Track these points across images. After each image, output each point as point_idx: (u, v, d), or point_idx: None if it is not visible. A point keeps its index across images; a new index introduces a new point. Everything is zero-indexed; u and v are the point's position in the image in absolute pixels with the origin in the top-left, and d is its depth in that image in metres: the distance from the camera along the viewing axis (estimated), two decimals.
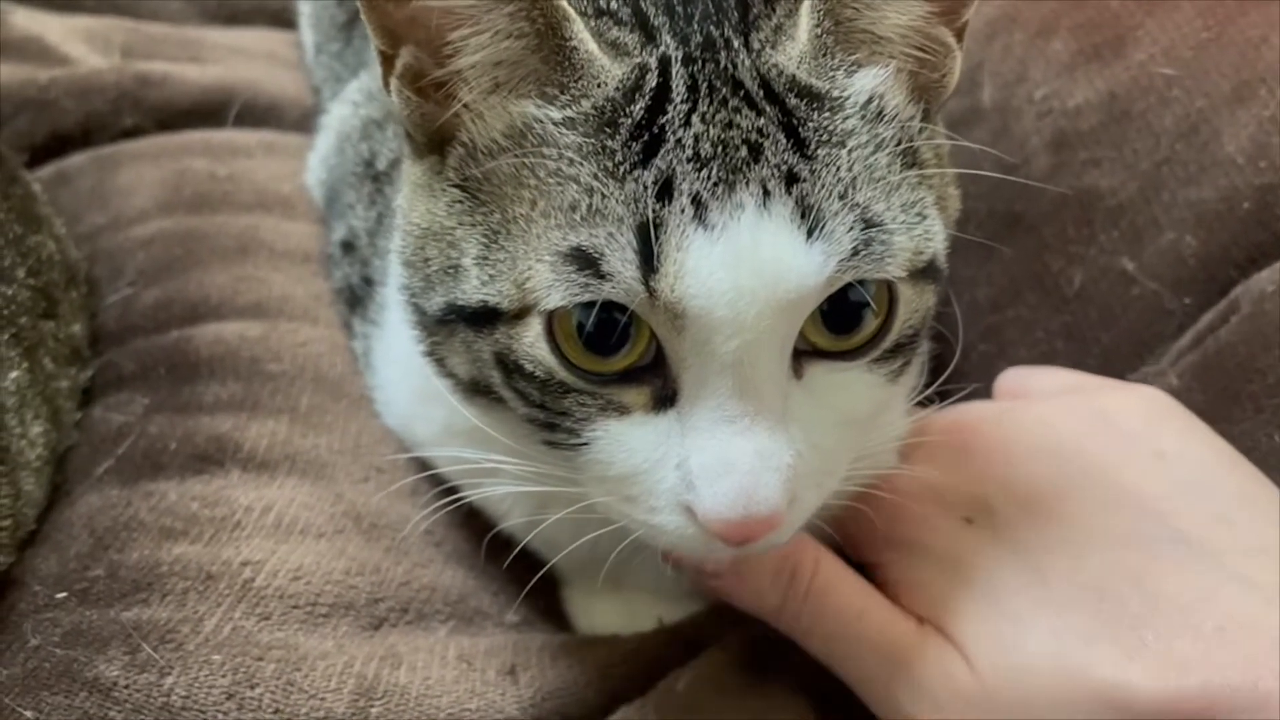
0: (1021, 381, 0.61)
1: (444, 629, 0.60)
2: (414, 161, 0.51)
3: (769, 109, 0.45)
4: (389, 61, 0.48)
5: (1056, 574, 0.50)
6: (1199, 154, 0.63)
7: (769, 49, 0.46)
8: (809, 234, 0.43)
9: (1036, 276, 0.68)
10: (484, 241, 0.47)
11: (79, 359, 0.68)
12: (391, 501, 0.64)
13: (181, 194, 0.80)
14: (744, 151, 0.44)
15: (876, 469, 0.53)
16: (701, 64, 0.45)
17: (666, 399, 0.46)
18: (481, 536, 0.63)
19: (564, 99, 0.46)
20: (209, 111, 0.90)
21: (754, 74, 0.45)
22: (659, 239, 0.43)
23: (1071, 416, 0.55)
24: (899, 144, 0.47)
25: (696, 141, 0.44)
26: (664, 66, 0.45)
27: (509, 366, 0.47)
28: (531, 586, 0.59)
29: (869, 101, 0.46)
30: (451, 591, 0.62)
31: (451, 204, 0.49)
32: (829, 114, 0.45)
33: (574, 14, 0.45)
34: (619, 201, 0.43)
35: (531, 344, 0.46)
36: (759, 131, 0.44)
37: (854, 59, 0.47)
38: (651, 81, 0.45)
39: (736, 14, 0.47)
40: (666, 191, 0.43)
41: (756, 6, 0.47)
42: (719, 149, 0.44)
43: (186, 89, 0.91)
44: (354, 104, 0.82)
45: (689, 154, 0.44)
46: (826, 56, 0.47)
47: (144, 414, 0.65)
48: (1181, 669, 0.45)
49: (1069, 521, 0.51)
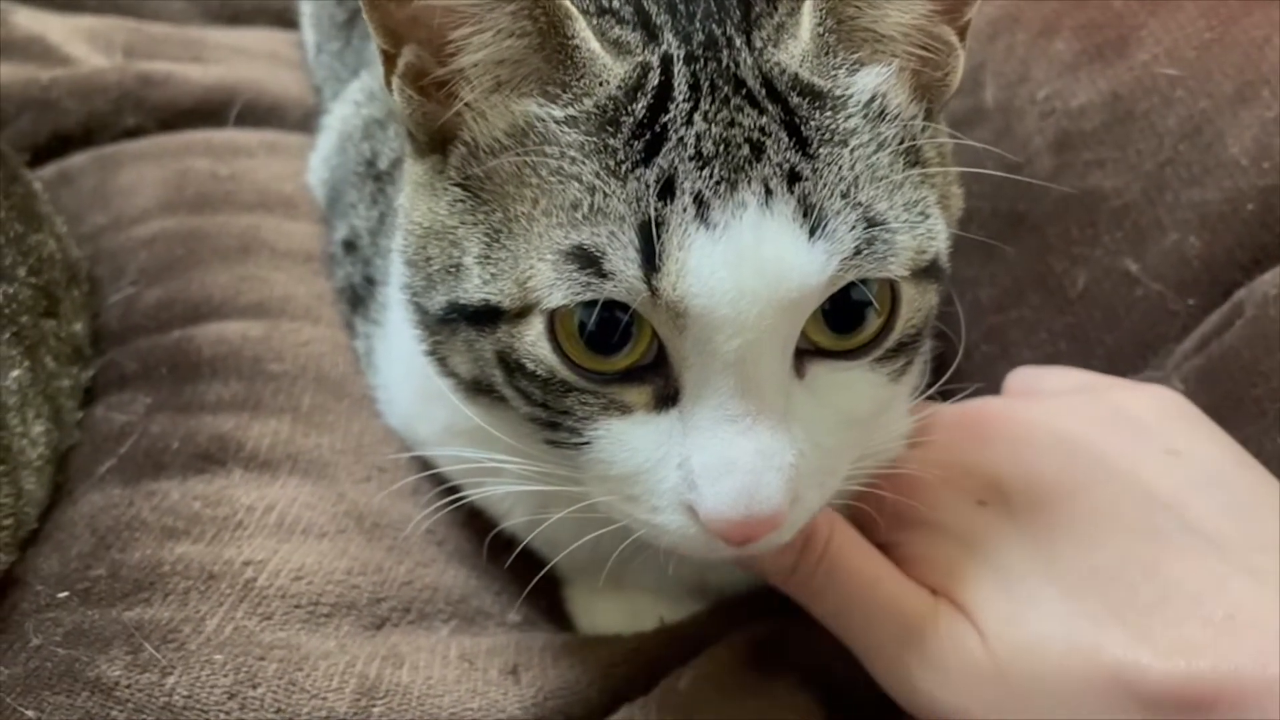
0: (1032, 381, 0.61)
1: (446, 628, 0.60)
2: (416, 160, 0.51)
3: (771, 108, 0.45)
4: (391, 60, 0.48)
5: (1068, 559, 0.50)
6: (1202, 155, 0.63)
7: (771, 47, 0.46)
8: (811, 233, 0.43)
9: (1040, 277, 0.68)
10: (486, 240, 0.47)
11: (80, 358, 0.68)
12: (393, 501, 0.64)
13: (183, 194, 0.80)
14: (746, 150, 0.44)
15: (880, 466, 0.53)
16: (704, 62, 0.45)
17: (668, 398, 0.46)
18: (483, 536, 0.62)
19: (566, 98, 0.46)
20: (211, 111, 0.91)
21: (756, 72, 0.45)
22: (661, 238, 0.43)
23: (1086, 411, 0.55)
24: (901, 143, 0.47)
25: (699, 140, 0.44)
26: (666, 65, 0.45)
27: (511, 365, 0.47)
28: (533, 586, 0.59)
29: (871, 100, 0.46)
30: (453, 591, 0.62)
31: (453, 203, 0.49)
32: (831, 113, 0.45)
33: (576, 12, 0.45)
34: (621, 200, 0.43)
35: (533, 343, 0.46)
36: (761, 130, 0.44)
37: (856, 57, 0.47)
38: (654, 80, 0.45)
39: (739, 12, 0.47)
40: (668, 190, 0.43)
41: (759, 5, 0.47)
42: (721, 148, 0.44)
43: (189, 89, 0.91)
44: (356, 103, 0.82)
45: (691, 153, 0.44)
46: (829, 55, 0.46)
47: (146, 413, 0.65)
48: (1191, 653, 0.45)
49: (1081, 509, 0.51)
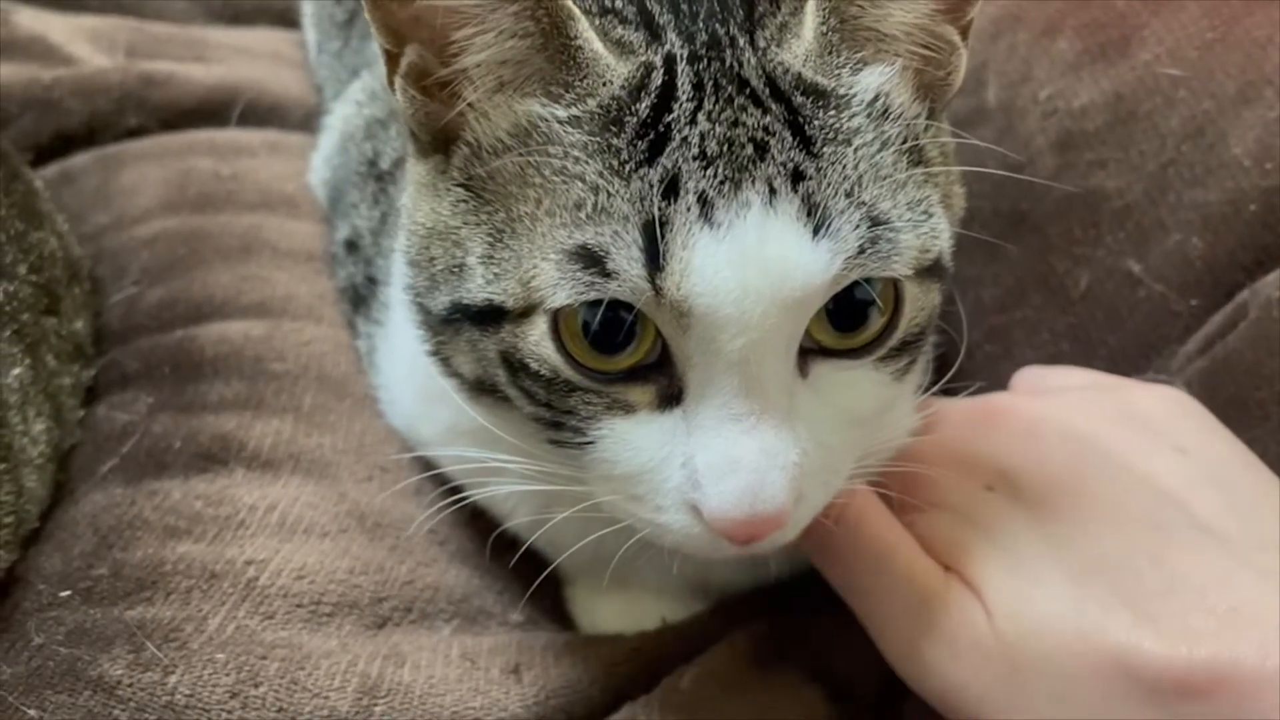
0: (1037, 380, 0.61)
1: (448, 628, 0.60)
2: (418, 161, 0.51)
3: (775, 107, 0.45)
4: (393, 60, 0.48)
5: (1075, 545, 0.50)
6: (1205, 155, 0.63)
7: (774, 47, 0.46)
8: (815, 232, 0.43)
9: (1042, 277, 0.68)
10: (489, 240, 0.47)
11: (82, 356, 0.68)
12: (395, 501, 0.64)
13: (185, 193, 0.80)
14: (750, 149, 0.44)
15: (886, 462, 0.53)
16: (707, 62, 0.45)
17: (672, 397, 0.46)
18: (486, 536, 0.62)
19: (569, 97, 0.46)
20: (213, 111, 0.91)
21: (759, 72, 0.45)
22: (665, 237, 0.43)
23: (1094, 408, 0.55)
24: (905, 142, 0.47)
25: (702, 140, 0.44)
26: (669, 65, 0.45)
27: (514, 365, 0.47)
28: (536, 586, 0.59)
29: (875, 99, 0.46)
30: (455, 591, 0.62)
31: (456, 203, 0.49)
32: (835, 112, 0.45)
33: (579, 13, 0.45)
34: (625, 200, 0.43)
35: (537, 342, 0.46)
36: (765, 129, 0.44)
37: (859, 56, 0.47)
38: (657, 80, 0.45)
39: (742, 12, 0.47)
40: (672, 190, 0.43)
41: (762, 4, 0.47)
42: (725, 147, 0.44)
43: (191, 88, 0.91)
44: (357, 103, 0.82)
45: (695, 152, 0.44)
46: (832, 54, 0.46)
47: (148, 413, 0.65)
48: (1194, 641, 0.46)
49: (1089, 500, 0.52)
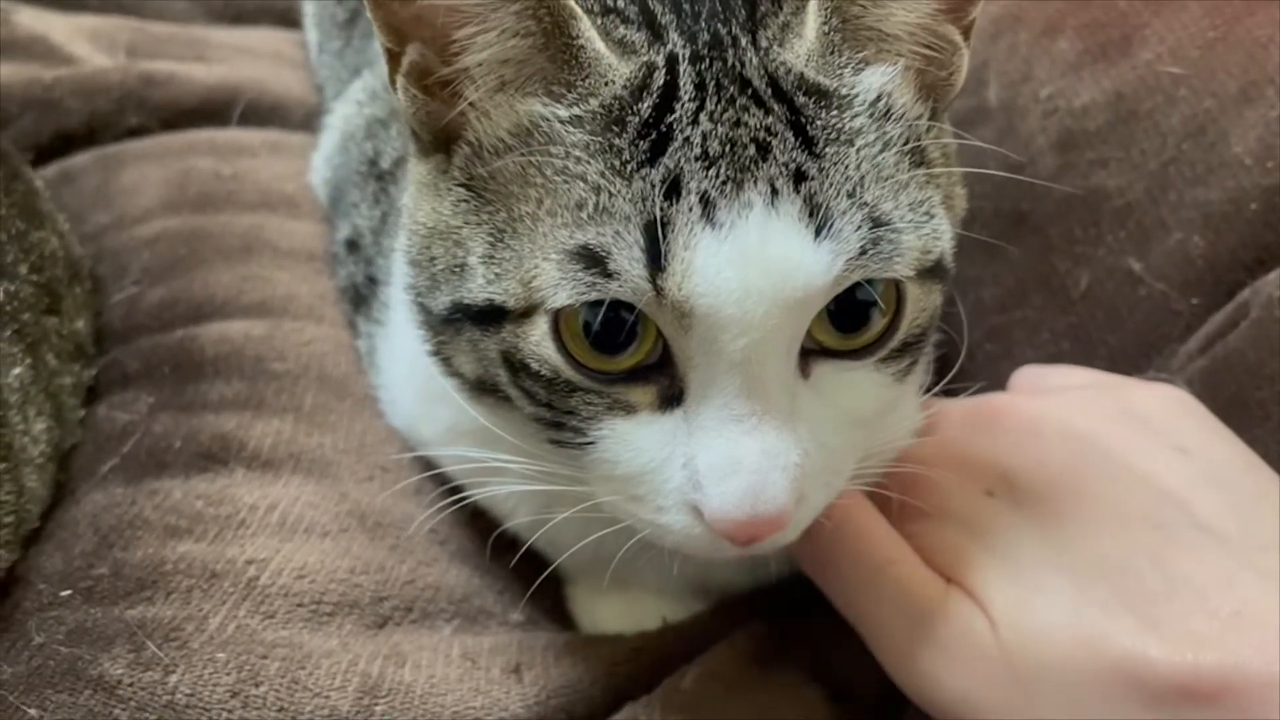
0: (1037, 379, 0.61)
1: (448, 628, 0.60)
2: (419, 160, 0.51)
3: (777, 107, 0.45)
4: (395, 59, 0.48)
5: (1076, 547, 0.50)
6: (1206, 154, 0.63)
7: (776, 47, 0.46)
8: (817, 232, 0.43)
9: (1043, 277, 0.68)
10: (490, 240, 0.47)
11: (83, 356, 0.68)
12: (396, 500, 0.64)
13: (186, 193, 0.80)
14: (752, 150, 0.44)
15: (887, 463, 0.53)
16: (709, 62, 0.45)
17: (673, 398, 0.46)
18: (486, 536, 0.62)
19: (571, 97, 0.46)
20: (214, 111, 0.91)
21: (762, 72, 0.45)
22: (666, 238, 0.43)
23: (1094, 407, 0.55)
24: (907, 142, 0.47)
25: (704, 140, 0.44)
26: (671, 64, 0.45)
27: (515, 365, 0.47)
28: (536, 586, 0.59)
29: (877, 99, 0.46)
30: (456, 590, 0.62)
31: (457, 203, 0.49)
32: (837, 112, 0.45)
33: (580, 12, 0.45)
34: (626, 200, 0.43)
35: (538, 343, 0.46)
36: (767, 130, 0.44)
37: (861, 56, 0.47)
38: (659, 79, 0.45)
39: (744, 12, 0.47)
40: (674, 190, 0.43)
41: (764, 4, 0.47)
42: (727, 147, 0.44)
43: (191, 88, 0.91)
44: (358, 103, 0.82)
45: (697, 152, 0.43)
46: (834, 54, 0.46)
47: (149, 412, 0.65)
48: (1198, 646, 0.45)
49: (1090, 501, 0.51)
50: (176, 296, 0.72)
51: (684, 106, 0.44)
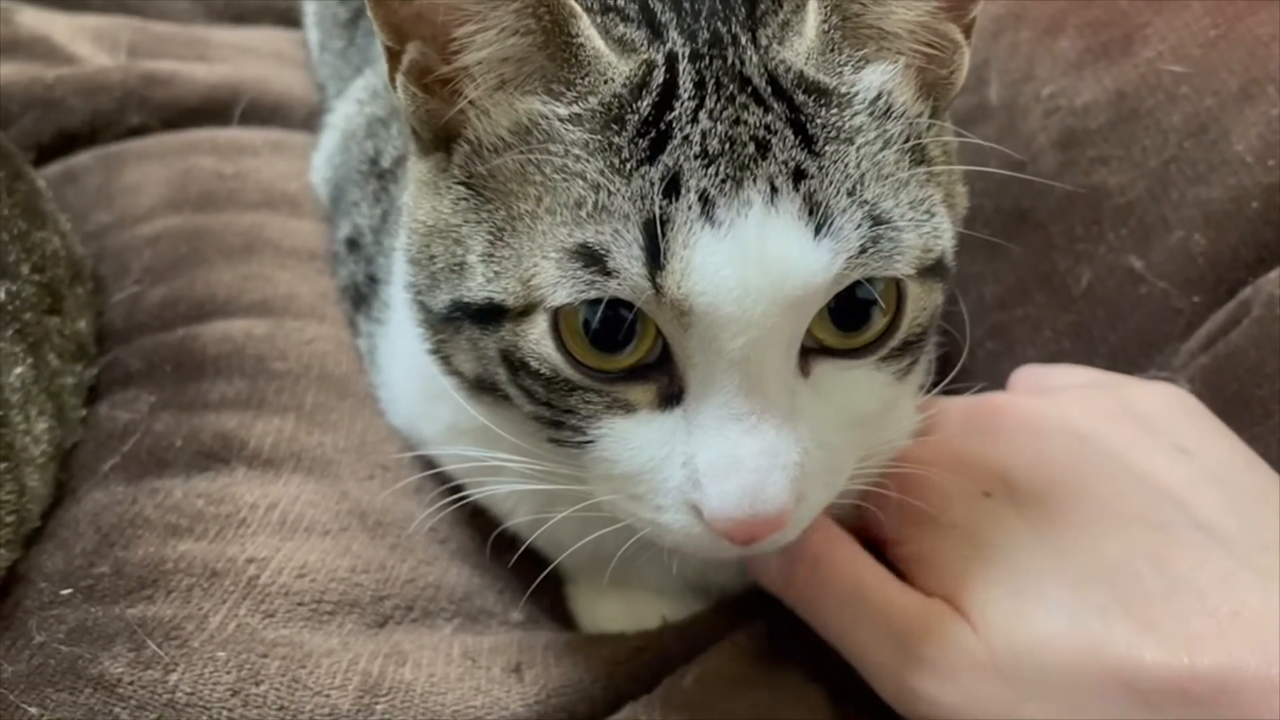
0: (1038, 378, 0.61)
1: (449, 627, 0.60)
2: (419, 158, 0.51)
3: (776, 105, 0.45)
4: (395, 57, 0.48)
5: (1073, 551, 0.50)
6: (1207, 152, 0.63)
7: (776, 45, 0.46)
8: (817, 231, 0.43)
9: (1044, 275, 0.68)
10: (489, 238, 0.47)
11: (84, 355, 0.68)
12: (396, 499, 0.64)
13: (188, 192, 0.80)
14: (751, 148, 0.44)
15: (886, 463, 0.53)
16: (709, 60, 0.45)
17: (673, 396, 0.46)
18: (486, 535, 0.62)
19: (570, 95, 0.45)
20: (215, 110, 0.91)
21: (761, 70, 0.45)
22: (666, 236, 0.42)
23: (1094, 406, 0.55)
24: (907, 141, 0.47)
25: (704, 138, 0.44)
26: (671, 63, 0.45)
27: (515, 364, 0.47)
28: (536, 585, 0.59)
29: (877, 98, 0.46)
30: (456, 589, 0.62)
31: (457, 201, 0.49)
32: (837, 110, 0.45)
33: (580, 10, 0.45)
34: (625, 198, 0.43)
35: (537, 341, 0.46)
36: (766, 128, 0.44)
37: (862, 55, 0.47)
38: (659, 78, 0.45)
39: (744, 10, 0.47)
40: (673, 188, 0.43)
41: (764, 2, 0.47)
42: (726, 145, 0.44)
43: (193, 88, 0.91)
44: (359, 102, 0.82)
45: (696, 150, 0.43)
46: (834, 52, 0.46)
47: (150, 411, 0.65)
48: (1195, 648, 0.45)
49: (1089, 502, 0.51)
50: (178, 295, 0.72)
51: (683, 104, 0.44)
